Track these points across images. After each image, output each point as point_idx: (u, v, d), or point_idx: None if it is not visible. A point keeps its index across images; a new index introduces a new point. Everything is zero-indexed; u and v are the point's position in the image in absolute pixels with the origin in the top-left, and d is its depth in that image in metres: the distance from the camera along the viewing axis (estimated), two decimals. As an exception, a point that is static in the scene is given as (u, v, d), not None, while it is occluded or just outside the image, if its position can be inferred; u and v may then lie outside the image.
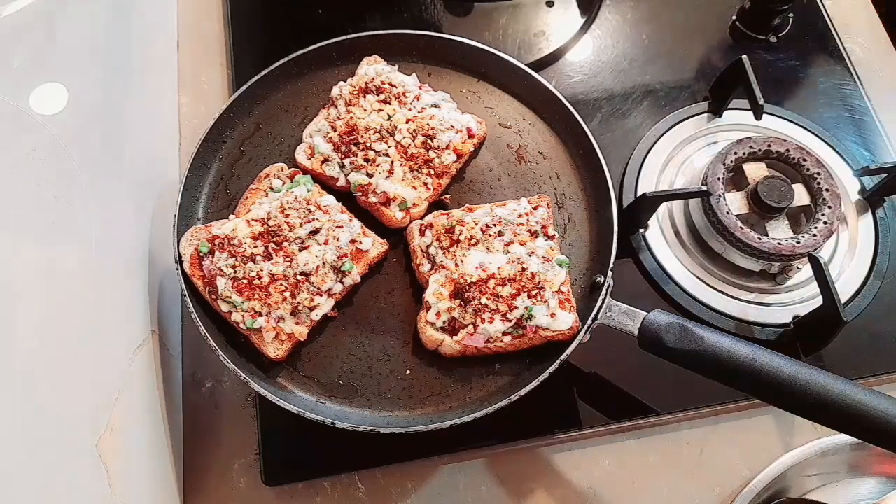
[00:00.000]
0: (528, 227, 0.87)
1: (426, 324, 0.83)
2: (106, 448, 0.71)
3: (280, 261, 0.82)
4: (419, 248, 0.87)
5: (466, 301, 0.82)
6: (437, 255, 0.85)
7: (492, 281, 0.82)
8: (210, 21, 1.21)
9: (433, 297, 0.83)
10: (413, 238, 0.88)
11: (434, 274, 0.85)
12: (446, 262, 0.84)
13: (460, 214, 0.88)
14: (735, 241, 0.97)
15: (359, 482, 0.89)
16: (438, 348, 0.83)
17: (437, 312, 0.82)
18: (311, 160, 0.92)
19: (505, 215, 0.87)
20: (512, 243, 0.85)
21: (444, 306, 0.82)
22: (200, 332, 0.80)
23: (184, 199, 0.88)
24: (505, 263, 0.83)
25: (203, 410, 0.93)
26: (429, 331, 0.82)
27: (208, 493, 0.89)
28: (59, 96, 0.78)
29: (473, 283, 0.82)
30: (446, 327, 0.82)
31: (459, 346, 0.81)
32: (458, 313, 0.82)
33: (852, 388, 0.73)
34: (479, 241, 0.85)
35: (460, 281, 0.82)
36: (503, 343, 0.82)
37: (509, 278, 0.82)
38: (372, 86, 0.93)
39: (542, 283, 0.83)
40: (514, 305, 0.81)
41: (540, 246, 0.85)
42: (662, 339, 0.78)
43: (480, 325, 0.81)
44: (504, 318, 0.81)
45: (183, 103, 1.14)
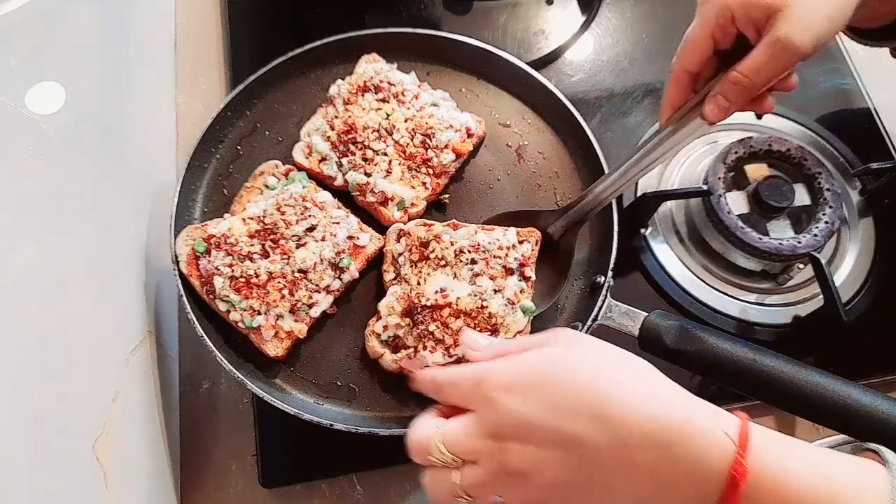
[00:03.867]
0: (505, 262, 0.82)
1: (372, 332, 0.81)
2: (102, 449, 0.70)
3: (277, 258, 0.82)
4: (390, 254, 0.85)
5: (415, 323, 0.79)
6: (404, 267, 0.82)
7: (447, 309, 0.78)
8: (208, 20, 1.20)
9: (385, 308, 0.81)
10: (389, 241, 0.86)
11: (394, 285, 0.82)
12: (409, 276, 0.81)
13: (441, 230, 0.83)
14: (736, 241, 0.96)
15: (357, 484, 0.89)
16: (379, 360, 0.81)
17: (385, 325, 0.80)
18: (308, 159, 0.91)
19: (485, 243, 0.82)
20: (481, 275, 0.80)
21: (392, 321, 0.80)
22: (197, 332, 0.80)
23: (180, 198, 0.87)
24: (466, 295, 0.79)
25: (200, 411, 0.92)
26: (372, 340, 0.81)
27: (205, 495, 0.88)
28: (56, 95, 0.77)
29: (427, 307, 0.79)
30: (390, 342, 0.81)
31: (396, 365, 0.79)
32: (404, 332, 0.80)
33: (852, 389, 0.72)
34: (449, 264, 0.81)
35: (416, 300, 0.79)
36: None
37: (465, 311, 0.78)
38: (370, 84, 0.93)
39: (498, 326, 0.79)
40: (459, 341, 0.76)
41: (510, 286, 0.81)
42: (663, 340, 0.77)
43: (420, 352, 0.78)
44: (446, 352, 0.78)
45: (180, 102, 1.13)
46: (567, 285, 0.88)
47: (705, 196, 0.99)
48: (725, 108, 0.72)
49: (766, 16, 0.68)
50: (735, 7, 0.69)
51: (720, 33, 0.72)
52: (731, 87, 0.71)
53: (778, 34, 0.66)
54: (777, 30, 0.66)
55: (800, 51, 0.67)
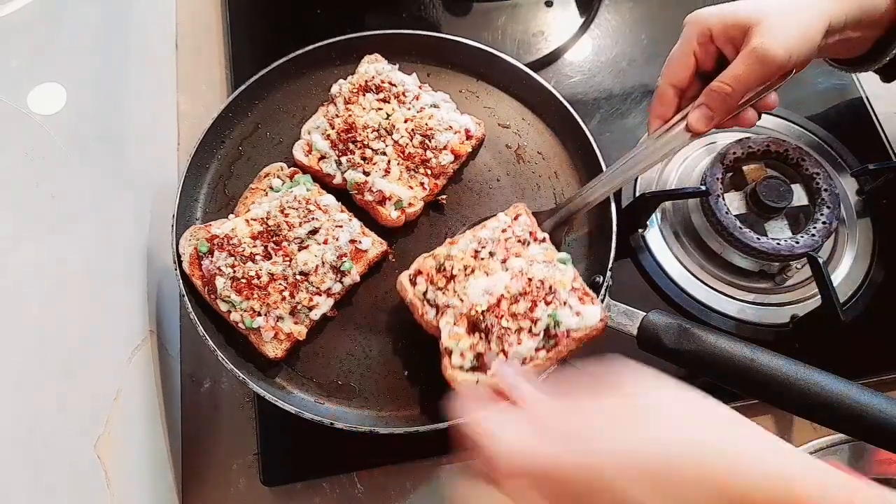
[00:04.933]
0: (517, 237, 0.82)
1: (453, 370, 0.76)
2: (104, 449, 0.70)
3: (279, 260, 0.82)
4: (417, 298, 0.80)
5: (486, 332, 0.76)
6: (438, 298, 0.79)
7: (504, 302, 0.76)
8: (209, 21, 1.20)
9: (450, 340, 0.76)
10: (406, 292, 0.81)
11: (441, 318, 0.78)
12: (450, 301, 0.78)
13: (445, 251, 0.81)
14: (734, 241, 0.97)
15: (357, 482, 0.89)
16: (475, 391, 0.74)
17: (461, 353, 0.75)
18: (308, 157, 0.92)
19: (489, 235, 0.82)
20: (507, 259, 0.80)
21: (465, 345, 0.76)
22: (199, 332, 0.80)
23: (182, 199, 0.88)
24: (509, 280, 0.77)
25: (202, 411, 0.92)
26: (459, 376, 0.75)
27: (207, 494, 0.88)
28: (57, 96, 0.78)
29: (486, 311, 0.76)
30: (476, 365, 0.76)
31: (496, 379, 0.73)
32: (483, 347, 0.75)
33: (852, 388, 0.73)
34: (475, 268, 0.79)
35: (471, 314, 0.76)
36: (540, 360, 0.76)
37: (520, 293, 0.76)
38: (371, 84, 0.93)
39: (554, 287, 0.77)
40: (535, 318, 0.75)
41: (535, 252, 0.81)
42: (661, 340, 0.77)
43: (510, 350, 0.74)
44: (531, 334, 0.75)
45: (181, 103, 1.13)
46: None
47: (703, 196, 0.99)
48: (709, 117, 0.77)
49: (741, 33, 0.75)
50: (714, 25, 0.77)
51: (701, 51, 0.79)
52: (714, 96, 0.76)
53: (754, 45, 0.72)
54: (752, 41, 0.73)
55: (774, 60, 0.72)
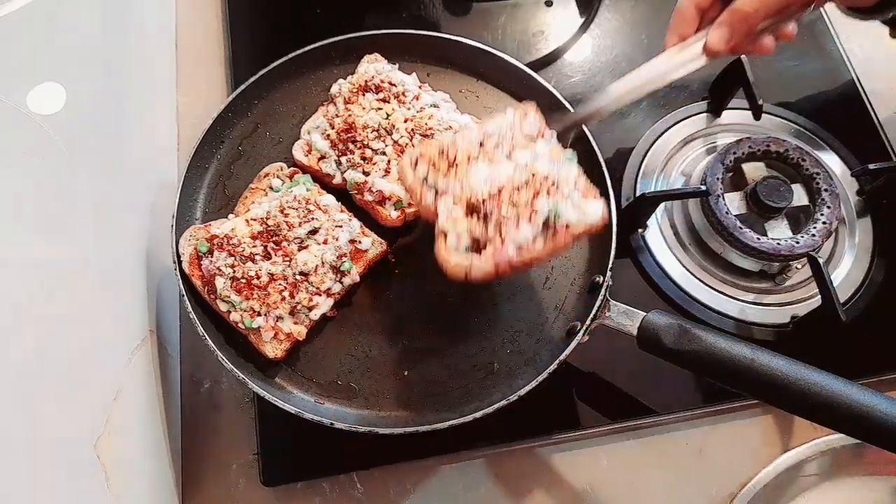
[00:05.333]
0: (524, 133, 0.80)
1: (448, 252, 0.75)
2: (104, 448, 0.70)
3: (279, 260, 0.82)
4: (417, 183, 0.79)
5: (485, 217, 0.75)
6: (439, 182, 0.78)
7: (505, 191, 0.75)
8: (209, 20, 1.20)
9: (448, 222, 0.75)
10: (406, 176, 0.79)
11: (440, 201, 0.77)
12: (450, 185, 0.77)
13: (450, 138, 0.81)
14: (734, 241, 0.97)
15: (357, 483, 0.89)
16: (468, 274, 0.75)
17: (457, 235, 0.75)
18: (308, 157, 0.92)
19: (495, 129, 0.80)
20: (512, 152, 0.78)
21: (462, 227, 0.75)
22: (199, 331, 0.80)
23: (182, 198, 0.88)
24: (513, 171, 0.76)
25: (201, 411, 0.92)
26: (453, 258, 0.74)
27: (206, 494, 0.88)
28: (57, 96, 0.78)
29: (487, 198, 0.75)
30: (472, 248, 0.75)
31: (491, 263, 0.74)
32: (480, 231, 0.75)
33: (851, 388, 0.73)
34: (479, 156, 0.78)
35: (472, 199, 0.75)
36: (536, 250, 0.75)
37: (523, 184, 0.76)
38: (371, 84, 0.93)
39: (558, 181, 0.76)
40: (535, 208, 0.74)
41: (542, 148, 0.79)
42: (661, 340, 0.77)
43: (507, 237, 0.73)
44: (530, 223, 0.74)
45: (181, 103, 1.13)
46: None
47: (704, 196, 0.99)
48: (727, 38, 0.76)
49: None
50: None
51: None
52: (735, 16, 0.75)
53: None
54: None
55: None
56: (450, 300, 0.89)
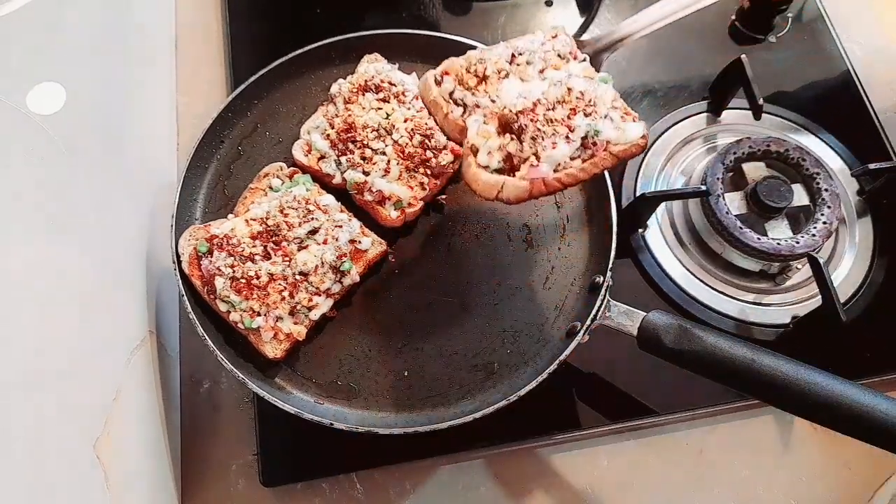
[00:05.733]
0: (556, 51, 0.77)
1: (478, 168, 0.71)
2: (103, 449, 0.70)
3: (279, 260, 0.82)
4: (441, 97, 0.75)
5: (519, 133, 0.71)
6: (467, 97, 0.74)
7: (540, 107, 0.72)
8: (208, 20, 1.20)
9: (479, 137, 0.72)
10: (430, 91, 0.75)
11: (469, 116, 0.73)
12: (480, 100, 0.73)
13: (478, 54, 0.77)
14: (734, 241, 0.96)
15: (357, 483, 0.89)
16: (499, 194, 0.71)
17: (489, 151, 0.71)
18: (307, 157, 0.92)
19: (526, 46, 0.77)
20: (545, 69, 0.76)
21: (494, 143, 0.72)
22: (198, 332, 0.80)
23: (181, 198, 0.88)
24: (547, 88, 0.73)
25: (201, 411, 0.92)
26: (483, 175, 0.71)
27: (206, 494, 0.88)
28: (57, 96, 0.78)
29: (521, 113, 0.72)
30: (503, 167, 0.72)
31: (526, 183, 0.70)
32: (514, 147, 0.71)
33: (852, 389, 0.73)
34: (509, 72, 0.75)
35: (505, 114, 0.72)
36: (574, 169, 0.71)
37: (558, 101, 0.73)
38: (371, 84, 0.93)
39: (594, 101, 0.73)
40: (573, 126, 0.71)
41: (575, 68, 0.77)
42: (661, 340, 0.77)
43: (543, 154, 0.70)
44: (567, 140, 0.71)
45: (181, 102, 1.13)
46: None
47: (704, 196, 0.99)
48: None
49: None
50: None
51: None
52: None
53: None
54: None
55: None
56: (450, 300, 0.89)
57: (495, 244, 0.92)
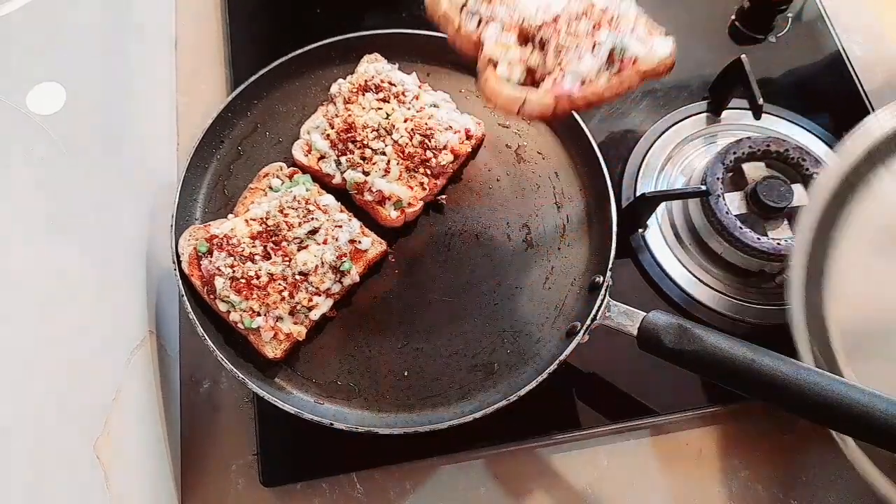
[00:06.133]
0: None
1: (498, 81, 0.68)
2: (103, 449, 0.70)
3: (279, 260, 0.82)
4: (454, 9, 0.71)
5: (541, 45, 0.68)
6: (482, 8, 0.70)
7: (562, 20, 0.68)
8: (208, 20, 1.20)
9: (497, 48, 0.68)
10: (439, 3, 0.72)
11: (485, 28, 0.70)
12: (496, 11, 0.70)
13: None
14: (734, 241, 0.96)
15: (357, 483, 0.89)
16: (521, 110, 0.68)
17: (509, 64, 0.68)
18: (307, 157, 0.92)
19: None
20: None
21: (514, 55, 0.68)
22: (198, 332, 0.80)
23: (181, 198, 0.88)
24: (568, 1, 0.69)
25: (201, 411, 0.92)
26: (505, 89, 0.68)
27: (206, 494, 0.88)
28: (56, 96, 0.78)
29: (542, 26, 0.68)
30: (525, 82, 0.69)
31: (549, 98, 0.67)
32: (537, 59, 0.68)
33: (851, 389, 0.73)
34: None
35: (525, 26, 0.68)
36: (599, 87, 0.68)
37: (581, 14, 0.69)
38: (371, 84, 0.93)
39: (617, 17, 0.70)
40: (597, 39, 0.68)
41: None
42: (661, 340, 0.77)
43: (568, 67, 0.67)
44: (593, 53, 0.67)
45: (181, 102, 1.13)
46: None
47: (704, 196, 0.99)
48: None
49: None
50: None
51: None
52: None
53: None
54: None
55: None
56: (450, 300, 0.89)
57: (495, 244, 0.92)
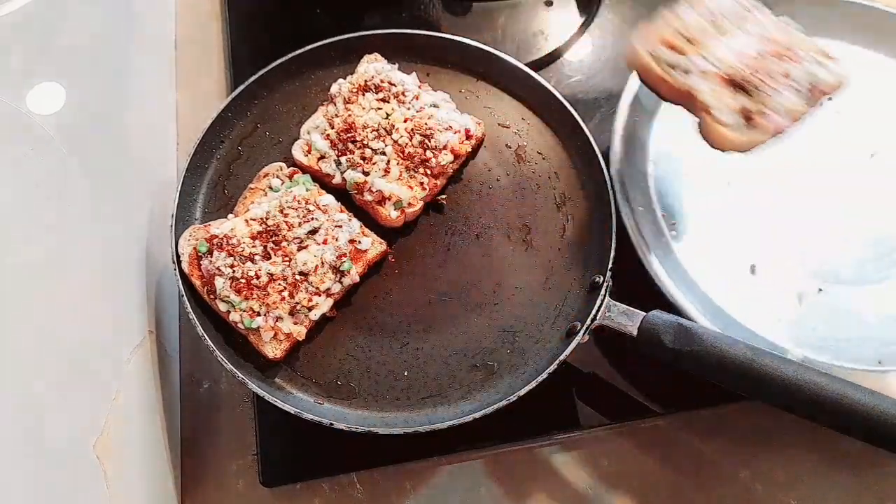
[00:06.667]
0: (741, 5, 0.85)
1: (718, 127, 0.79)
2: (103, 449, 0.70)
3: (279, 260, 0.82)
4: (656, 60, 0.82)
5: (745, 88, 0.79)
6: (681, 61, 0.81)
7: (754, 61, 0.80)
8: (208, 20, 1.20)
9: (712, 97, 0.79)
10: (641, 58, 0.82)
11: (691, 78, 0.80)
12: (696, 61, 0.81)
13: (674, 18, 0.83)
14: (734, 241, 0.97)
15: (357, 483, 0.89)
16: (739, 146, 0.79)
17: (725, 109, 0.79)
18: (307, 157, 0.92)
19: (713, 6, 0.84)
20: (742, 25, 0.83)
21: (728, 101, 0.79)
22: (198, 332, 0.80)
23: (181, 199, 0.88)
24: (756, 42, 0.81)
25: (201, 411, 0.92)
26: (726, 133, 0.78)
27: (206, 495, 0.88)
28: (56, 96, 0.78)
29: (741, 70, 0.79)
30: (741, 123, 0.79)
31: (767, 133, 0.78)
32: (748, 103, 0.79)
33: (852, 389, 0.73)
34: (714, 32, 0.82)
35: (728, 72, 0.79)
36: (799, 114, 0.79)
37: (770, 53, 0.80)
38: (371, 84, 0.93)
39: (795, 48, 0.80)
40: (791, 74, 0.79)
41: (764, 18, 0.84)
42: (661, 340, 0.77)
43: (778, 106, 0.78)
44: (796, 90, 0.79)
45: (181, 103, 1.13)
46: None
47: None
48: None
49: None
50: None
51: None
52: None
53: None
54: None
55: None
56: (450, 300, 0.89)
57: (495, 244, 0.92)
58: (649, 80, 0.83)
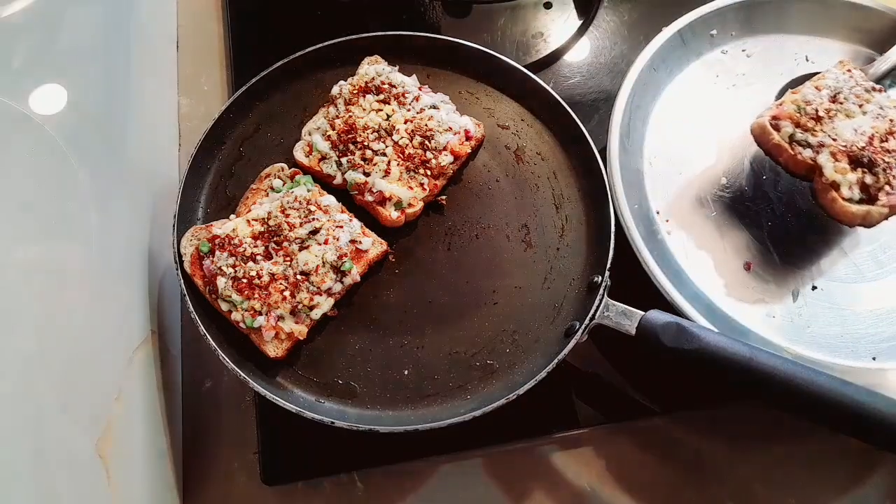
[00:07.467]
0: (860, 85, 0.92)
1: (844, 202, 0.85)
2: (105, 448, 0.71)
3: (280, 260, 0.83)
4: (784, 140, 0.89)
5: (868, 165, 0.85)
6: (809, 139, 0.88)
7: (875, 139, 0.87)
8: (210, 21, 1.21)
9: (836, 174, 0.85)
10: (770, 135, 0.89)
11: (819, 155, 0.87)
12: (823, 139, 0.87)
13: (800, 98, 0.91)
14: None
15: (358, 481, 0.89)
16: (863, 221, 0.85)
17: (849, 186, 0.85)
18: (308, 157, 0.92)
19: (834, 84, 0.92)
20: (862, 104, 0.91)
21: (852, 178, 0.85)
22: (200, 331, 0.80)
23: (183, 199, 0.88)
24: (873, 120, 0.89)
25: (203, 410, 0.93)
26: (852, 207, 0.84)
27: (207, 493, 0.89)
28: (58, 97, 0.78)
29: (864, 148, 0.86)
30: (863, 198, 0.85)
31: (888, 208, 0.84)
32: (870, 179, 0.84)
33: (851, 388, 0.73)
34: (836, 111, 0.89)
35: (852, 150, 0.85)
36: None
37: (887, 132, 0.88)
38: (372, 85, 0.94)
39: None
40: None
41: (882, 99, 0.91)
42: (660, 339, 0.78)
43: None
44: None
45: (182, 104, 1.14)
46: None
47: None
48: None
49: None
50: None
51: None
52: None
53: None
54: None
55: None
56: (450, 300, 0.89)
57: (495, 244, 0.93)
58: (778, 155, 0.89)
